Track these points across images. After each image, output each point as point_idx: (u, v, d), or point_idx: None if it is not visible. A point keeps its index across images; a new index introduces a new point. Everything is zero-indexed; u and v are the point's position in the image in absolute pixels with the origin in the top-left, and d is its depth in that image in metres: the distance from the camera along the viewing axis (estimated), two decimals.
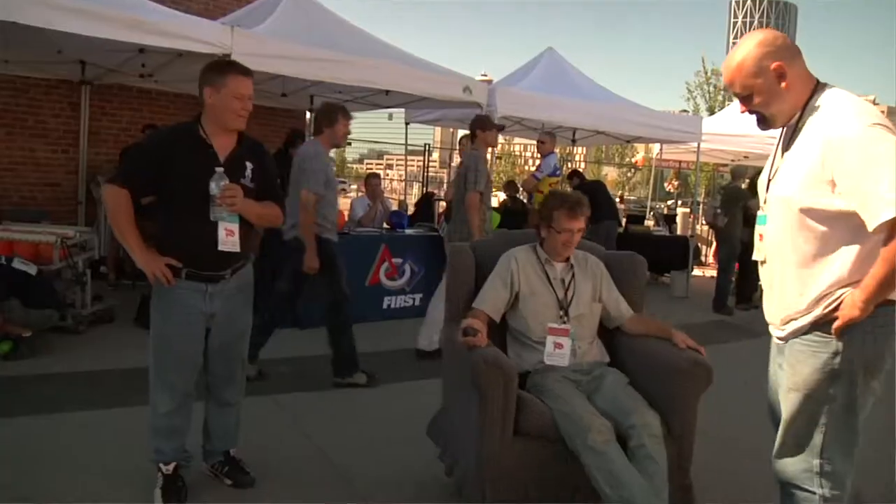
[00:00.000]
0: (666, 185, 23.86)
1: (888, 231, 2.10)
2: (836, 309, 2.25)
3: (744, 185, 9.42)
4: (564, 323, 3.23)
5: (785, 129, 2.43)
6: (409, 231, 7.75)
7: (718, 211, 9.68)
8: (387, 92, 8.14)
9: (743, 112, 2.46)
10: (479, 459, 2.85)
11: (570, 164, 15.36)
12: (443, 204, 8.63)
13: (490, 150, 8.10)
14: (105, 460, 3.51)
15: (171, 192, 3.03)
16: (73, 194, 9.16)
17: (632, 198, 36.44)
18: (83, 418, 4.03)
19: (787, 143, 2.39)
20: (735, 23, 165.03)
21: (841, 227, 2.22)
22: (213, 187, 2.96)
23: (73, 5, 5.14)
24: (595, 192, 10.43)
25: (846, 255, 2.25)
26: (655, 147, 14.39)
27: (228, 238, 3.04)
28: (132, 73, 8.12)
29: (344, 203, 10.97)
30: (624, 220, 12.04)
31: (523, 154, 49.19)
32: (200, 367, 3.22)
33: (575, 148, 14.85)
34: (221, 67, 3.15)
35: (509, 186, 12.09)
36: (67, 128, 9.11)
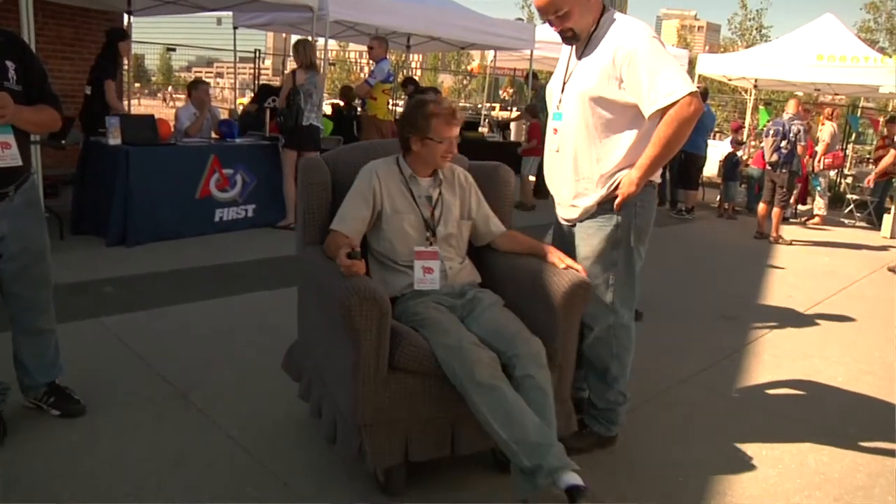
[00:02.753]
0: (501, 92, 24.18)
1: (658, 119, 2.73)
2: (616, 188, 2.86)
3: None
4: (432, 245, 2.95)
5: (579, 42, 2.94)
6: (239, 140, 7.43)
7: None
8: None
9: (557, 30, 2.90)
10: (354, 402, 2.54)
11: (405, 71, 15.17)
12: None
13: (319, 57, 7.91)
14: None
15: None
16: None
17: (468, 105, 36.74)
18: None
19: (581, 52, 2.92)
20: None
21: (624, 115, 2.82)
22: None
23: None
24: None
25: (627, 139, 2.84)
26: (490, 54, 14.49)
27: (5, 151, 2.70)
28: None
29: (168, 113, 10.41)
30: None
31: (358, 61, 48.22)
32: None
33: (410, 54, 14.66)
34: None
35: (346, 92, 11.85)
36: None
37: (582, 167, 2.93)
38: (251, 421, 3.21)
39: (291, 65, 7.90)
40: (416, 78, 13.39)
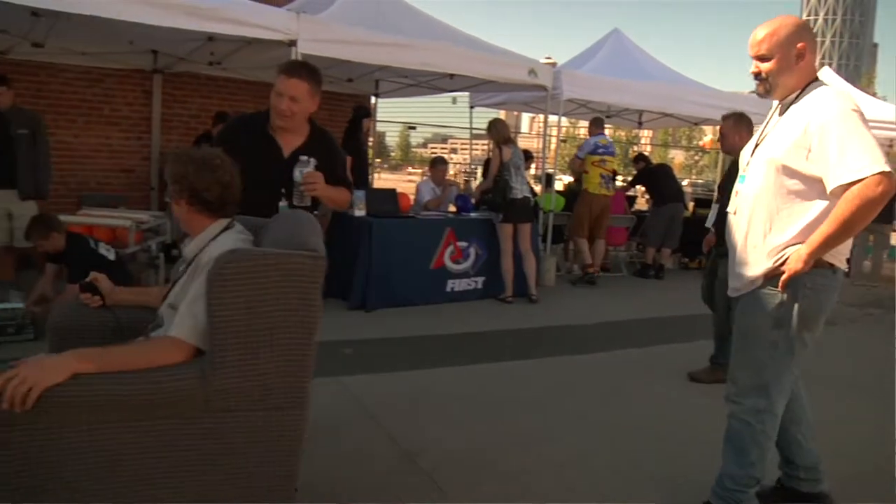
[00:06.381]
0: None
1: (841, 195, 2.53)
2: (783, 264, 2.69)
3: None
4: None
5: (780, 106, 2.85)
6: (474, 215, 7.76)
7: None
8: (451, 76, 8.16)
9: (753, 73, 2.83)
10: None
11: (636, 147, 15.10)
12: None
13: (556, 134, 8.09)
14: None
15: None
16: (146, 180, 9.42)
17: (699, 181, 35.66)
18: None
19: (779, 117, 2.83)
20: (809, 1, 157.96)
21: (808, 188, 2.65)
22: (297, 174, 3.25)
23: None
24: (660, 176, 10.33)
25: (806, 214, 2.67)
26: None
27: None
28: (201, 62, 8.32)
29: (409, 187, 11.04)
30: (691, 204, 11.80)
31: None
32: None
33: (641, 131, 14.61)
34: (280, 67, 3.35)
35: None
36: (140, 115, 9.35)
37: (754, 234, 2.80)
38: (475, 489, 3.26)
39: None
40: (648, 153, 13.25)
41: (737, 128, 4.98)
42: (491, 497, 3.19)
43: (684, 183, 21.41)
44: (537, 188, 9.82)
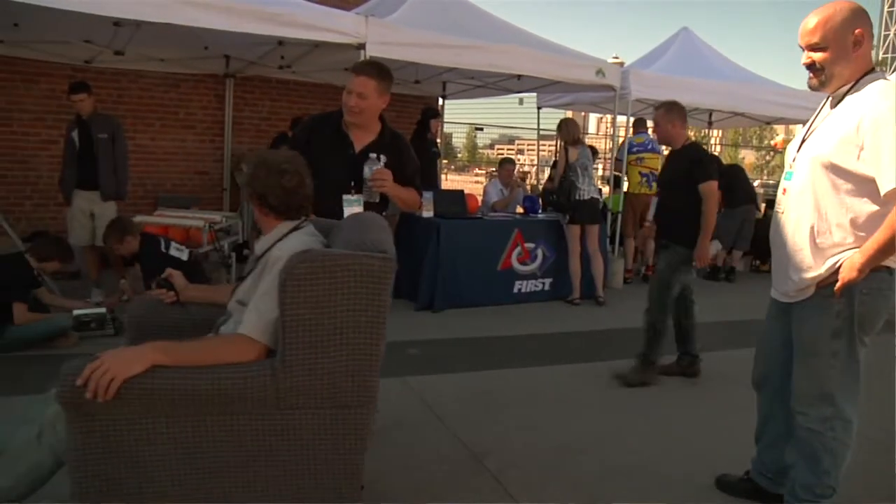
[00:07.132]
0: None
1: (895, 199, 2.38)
2: (837, 271, 2.58)
3: None
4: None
5: (831, 99, 2.70)
6: (541, 216, 7.73)
7: None
8: (518, 77, 8.15)
9: (805, 63, 2.65)
10: None
11: (705, 148, 14.82)
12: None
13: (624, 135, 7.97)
14: None
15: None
16: (220, 181, 9.68)
17: (771, 182, 34.76)
18: None
19: (829, 111, 2.67)
20: None
21: (859, 189, 2.51)
22: (366, 171, 3.36)
23: (218, 3, 5.48)
24: (732, 177, 10.08)
25: (857, 217, 2.54)
26: (797, 129, 13.70)
27: None
28: (272, 65, 8.48)
29: (476, 188, 11.06)
30: (763, 205, 11.51)
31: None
32: None
33: (711, 130, 14.31)
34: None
35: None
36: (214, 119, 9.61)
37: (801, 235, 2.68)
38: (542, 492, 3.25)
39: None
40: (718, 153, 12.99)
41: (668, 117, 4.87)
42: (558, 499, 3.18)
43: (755, 183, 20.95)
44: (605, 189, 9.74)
